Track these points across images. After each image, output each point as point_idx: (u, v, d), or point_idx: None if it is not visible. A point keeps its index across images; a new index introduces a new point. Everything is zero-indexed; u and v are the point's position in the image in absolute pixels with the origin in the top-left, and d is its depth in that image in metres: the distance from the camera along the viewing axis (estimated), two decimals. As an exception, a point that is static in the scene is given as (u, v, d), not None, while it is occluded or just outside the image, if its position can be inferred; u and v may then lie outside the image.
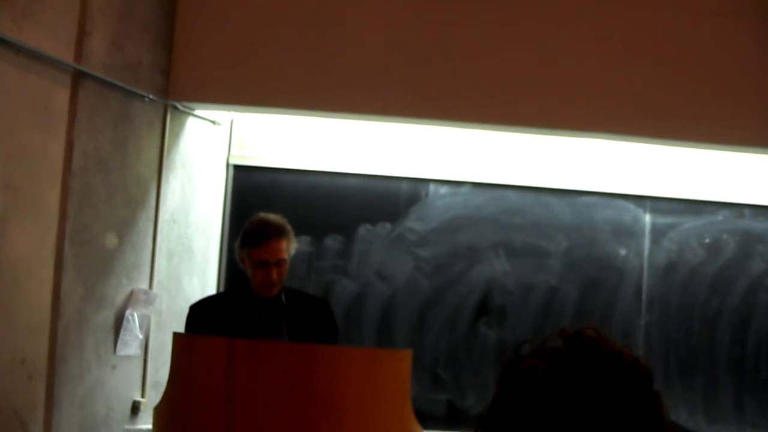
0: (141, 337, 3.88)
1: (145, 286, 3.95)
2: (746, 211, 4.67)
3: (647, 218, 4.63)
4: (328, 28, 4.15)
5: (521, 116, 4.14)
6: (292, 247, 3.36)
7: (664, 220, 4.64)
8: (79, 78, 3.46)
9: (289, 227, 3.36)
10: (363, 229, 4.57)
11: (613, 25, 4.17)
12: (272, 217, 3.37)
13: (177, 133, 4.20)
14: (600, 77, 4.14)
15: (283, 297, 3.40)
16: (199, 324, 3.36)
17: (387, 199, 4.60)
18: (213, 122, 4.48)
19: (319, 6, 4.17)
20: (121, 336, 3.77)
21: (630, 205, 4.64)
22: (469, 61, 4.13)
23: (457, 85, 4.12)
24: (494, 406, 1.14)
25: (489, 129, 4.32)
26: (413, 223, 4.59)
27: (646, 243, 4.62)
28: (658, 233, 4.63)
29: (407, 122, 4.32)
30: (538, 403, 1.09)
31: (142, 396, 3.93)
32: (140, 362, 3.94)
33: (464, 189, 4.61)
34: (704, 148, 4.36)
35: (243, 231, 3.37)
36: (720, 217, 4.66)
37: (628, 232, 4.63)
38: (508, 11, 4.17)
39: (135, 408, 3.89)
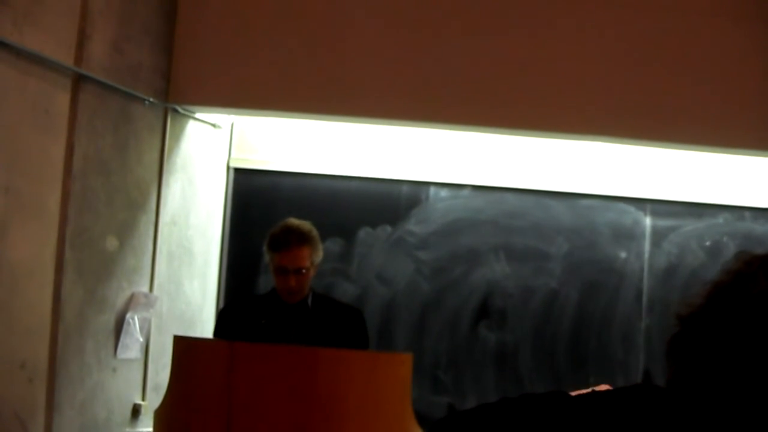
0: (141, 340, 3.88)
1: (145, 289, 3.95)
2: (747, 214, 4.67)
3: (648, 221, 4.63)
4: (328, 31, 4.15)
5: (521, 119, 4.14)
6: (316, 255, 3.31)
7: (665, 222, 4.64)
8: (79, 81, 3.46)
9: (314, 234, 3.31)
10: (363, 232, 4.57)
11: (613, 28, 4.17)
12: (298, 223, 3.32)
13: (177, 136, 4.20)
14: (600, 80, 4.14)
15: (310, 302, 3.37)
16: (224, 327, 3.38)
17: (387, 202, 4.60)
18: (213, 125, 4.49)
19: (320, 10, 4.17)
20: (121, 339, 3.76)
21: (630, 208, 4.64)
22: (470, 65, 4.13)
23: (458, 89, 4.12)
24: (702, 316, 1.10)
25: (489, 132, 4.32)
26: (413, 226, 4.59)
27: (647, 246, 4.62)
28: (658, 236, 4.63)
29: (407, 125, 4.32)
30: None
31: (143, 399, 3.93)
32: (141, 365, 3.94)
33: (464, 192, 4.61)
34: (705, 150, 4.36)
35: (269, 235, 3.35)
36: (720, 220, 4.66)
37: (628, 235, 4.62)
38: (508, 14, 4.17)
39: (135, 411, 3.89)
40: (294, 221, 3.33)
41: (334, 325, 3.34)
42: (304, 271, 3.27)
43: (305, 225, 3.32)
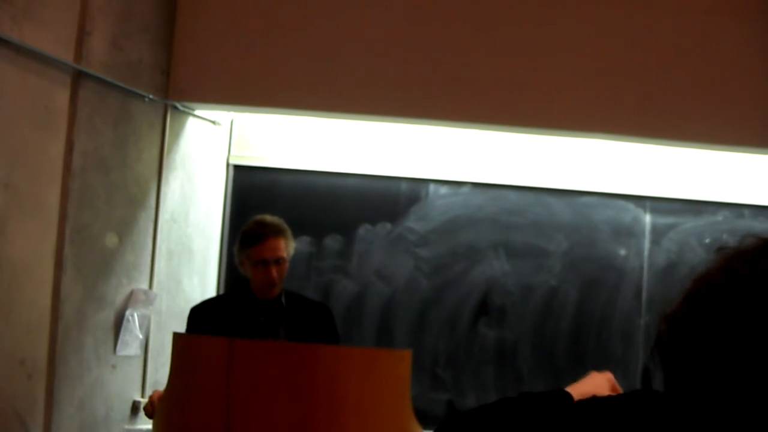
0: (141, 337, 3.88)
1: (145, 286, 3.95)
2: (746, 212, 4.67)
3: (647, 218, 4.63)
4: (327, 28, 4.15)
5: (521, 116, 4.14)
6: (290, 246, 3.38)
7: (664, 220, 4.64)
8: (79, 78, 3.46)
9: (286, 227, 3.37)
10: (363, 229, 4.57)
11: (612, 25, 4.17)
12: (269, 217, 3.39)
13: (177, 133, 4.20)
14: (600, 77, 4.14)
15: (283, 299, 3.40)
16: (199, 326, 3.37)
17: (387, 199, 4.60)
18: (213, 122, 4.48)
19: (319, 6, 4.17)
20: (121, 336, 3.77)
21: (630, 205, 4.64)
22: (469, 61, 4.13)
23: (457, 85, 4.12)
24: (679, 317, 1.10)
25: (489, 129, 4.32)
26: (413, 223, 4.59)
27: (646, 243, 4.62)
28: (658, 233, 4.63)
29: (407, 122, 4.32)
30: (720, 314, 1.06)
31: (142, 396, 3.93)
32: (140, 362, 3.94)
33: (464, 189, 4.61)
34: (704, 148, 4.36)
35: (241, 233, 3.40)
36: (720, 218, 4.66)
37: (628, 232, 4.63)
38: (507, 11, 4.17)
39: (135, 408, 3.89)
40: (264, 216, 3.40)
41: (306, 322, 3.38)
42: (282, 261, 3.31)
43: (276, 218, 3.39)
